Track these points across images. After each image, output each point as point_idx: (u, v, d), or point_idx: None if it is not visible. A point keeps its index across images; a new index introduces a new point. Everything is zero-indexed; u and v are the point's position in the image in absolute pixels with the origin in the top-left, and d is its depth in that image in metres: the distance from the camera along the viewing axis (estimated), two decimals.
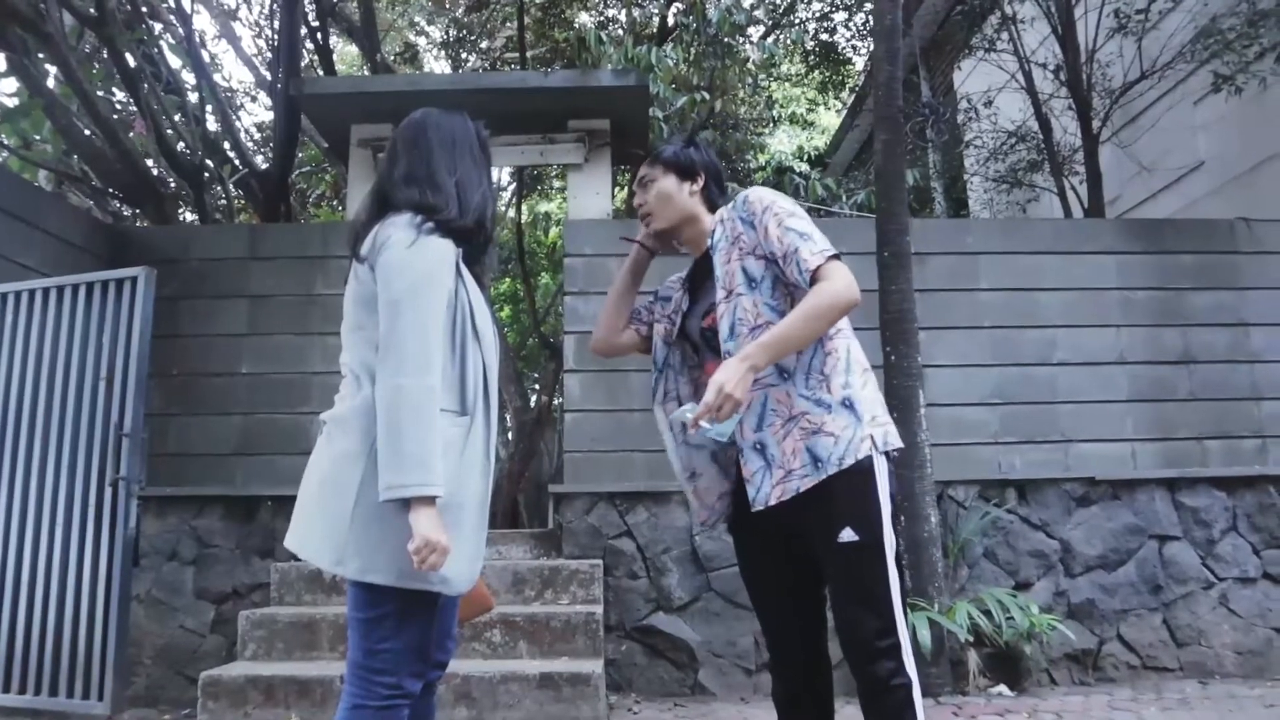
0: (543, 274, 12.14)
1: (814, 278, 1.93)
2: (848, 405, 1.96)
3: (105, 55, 6.85)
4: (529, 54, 9.59)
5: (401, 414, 1.72)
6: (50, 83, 6.75)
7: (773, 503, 1.95)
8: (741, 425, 1.99)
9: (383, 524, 1.75)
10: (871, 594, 1.90)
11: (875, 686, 1.90)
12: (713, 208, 2.25)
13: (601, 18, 10.84)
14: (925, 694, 2.02)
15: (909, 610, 3.49)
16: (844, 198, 7.47)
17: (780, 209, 2.05)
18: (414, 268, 1.80)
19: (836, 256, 1.96)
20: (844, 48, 10.80)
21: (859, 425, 1.94)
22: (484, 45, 11.75)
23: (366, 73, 10.04)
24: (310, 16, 8.61)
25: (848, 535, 1.90)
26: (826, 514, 1.92)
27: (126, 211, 9.28)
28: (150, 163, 7.20)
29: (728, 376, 1.85)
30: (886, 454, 1.98)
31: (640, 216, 2.28)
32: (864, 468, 1.92)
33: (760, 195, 2.09)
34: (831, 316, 1.92)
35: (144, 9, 7.36)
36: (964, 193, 10.35)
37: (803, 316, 1.91)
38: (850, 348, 2.03)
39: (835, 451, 1.92)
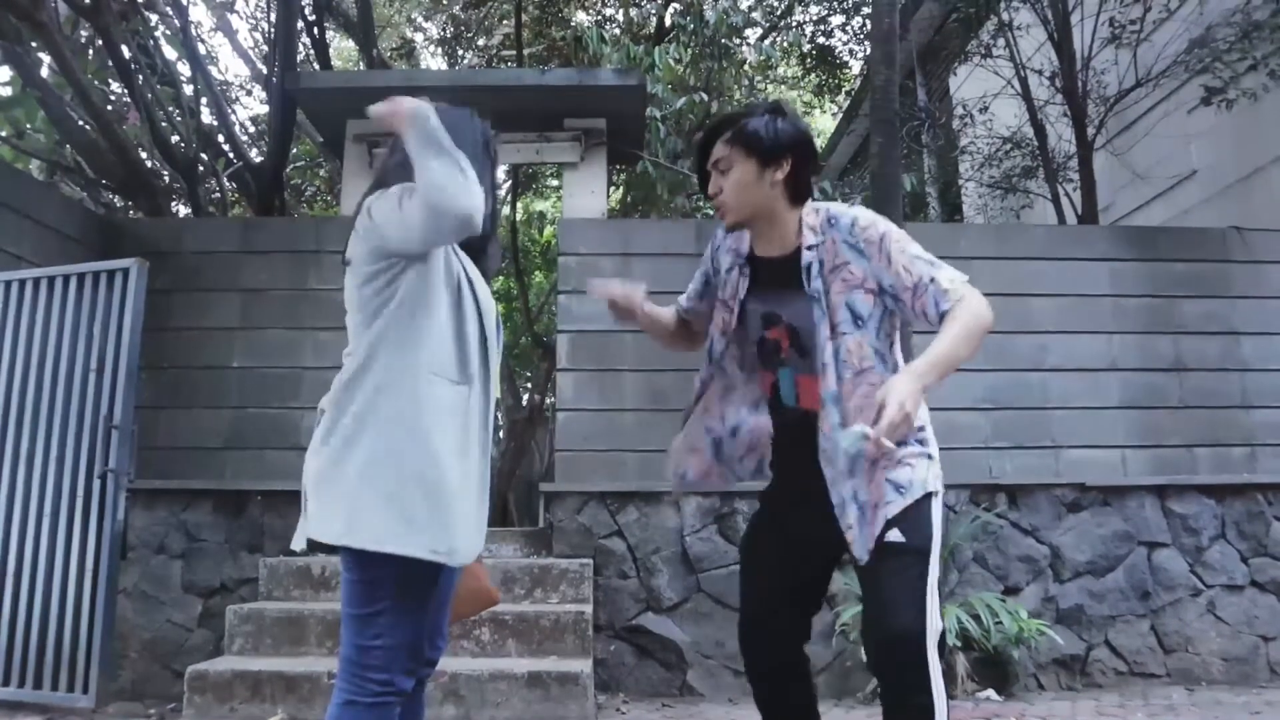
0: (537, 272, 12.13)
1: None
2: (920, 440, 1.90)
3: (100, 45, 6.82)
4: (526, 52, 9.57)
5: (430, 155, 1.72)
6: (44, 72, 6.71)
7: (871, 545, 1.83)
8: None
9: (381, 492, 1.73)
10: (900, 595, 1.80)
11: (894, 700, 1.82)
12: (798, 197, 1.95)
13: (599, 17, 10.83)
14: None
15: None
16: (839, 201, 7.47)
17: (899, 235, 1.90)
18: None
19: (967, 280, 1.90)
20: (841, 51, 10.82)
21: (930, 463, 1.90)
22: (481, 42, 11.74)
23: (363, 68, 10.00)
24: (307, 11, 8.58)
25: (894, 535, 1.81)
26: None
27: (119, 203, 9.23)
28: (144, 155, 7.17)
29: (909, 394, 1.67)
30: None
31: (714, 206, 1.97)
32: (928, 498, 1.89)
33: (874, 220, 1.90)
34: (983, 336, 1.84)
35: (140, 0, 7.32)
36: (958, 198, 10.37)
37: (964, 336, 1.80)
38: None
39: (916, 479, 1.85)
